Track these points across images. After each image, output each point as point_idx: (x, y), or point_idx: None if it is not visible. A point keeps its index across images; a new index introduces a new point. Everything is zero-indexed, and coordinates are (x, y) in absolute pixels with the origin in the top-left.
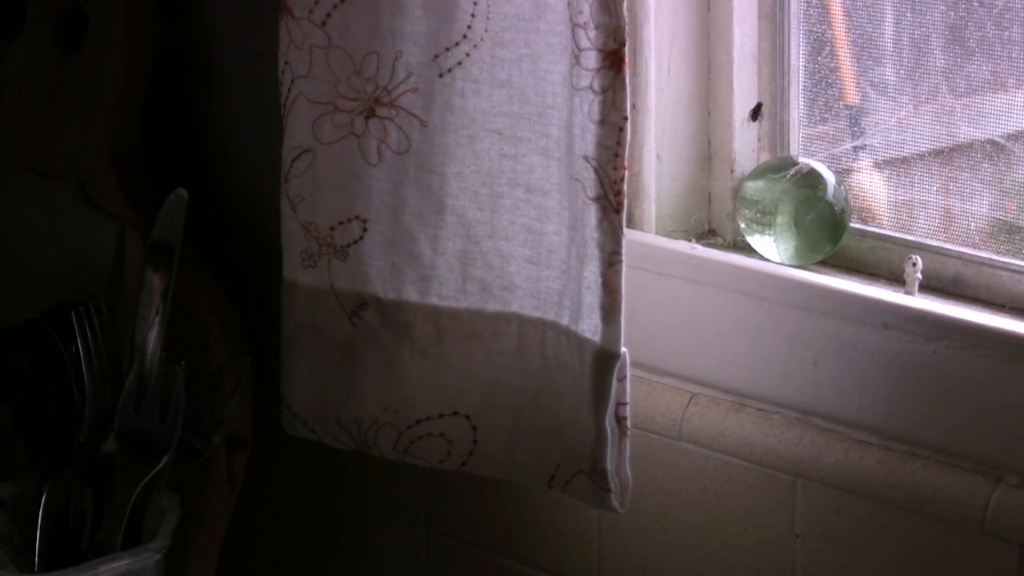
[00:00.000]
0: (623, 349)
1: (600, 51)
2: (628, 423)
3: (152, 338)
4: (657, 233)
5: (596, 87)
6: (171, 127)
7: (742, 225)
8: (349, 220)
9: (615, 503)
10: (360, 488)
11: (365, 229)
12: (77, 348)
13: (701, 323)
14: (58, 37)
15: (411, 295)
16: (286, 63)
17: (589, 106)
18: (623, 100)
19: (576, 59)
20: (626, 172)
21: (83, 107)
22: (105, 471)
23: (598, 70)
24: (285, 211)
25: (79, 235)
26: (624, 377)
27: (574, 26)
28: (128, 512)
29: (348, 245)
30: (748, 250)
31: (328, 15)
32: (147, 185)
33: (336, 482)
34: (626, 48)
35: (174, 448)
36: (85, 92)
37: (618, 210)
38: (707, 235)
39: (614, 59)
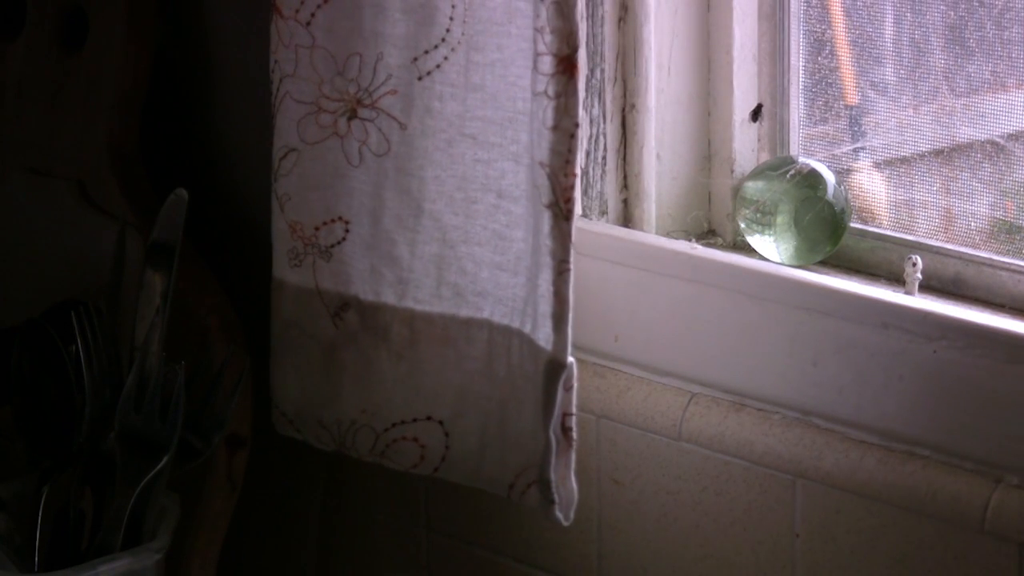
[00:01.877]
0: (570, 359)
1: (555, 56)
2: (574, 434)
3: (152, 338)
4: (657, 233)
5: (550, 92)
6: (171, 127)
7: (742, 225)
8: (333, 221)
9: (558, 515)
10: (360, 488)
11: (347, 231)
12: (77, 348)
13: (701, 323)
14: (58, 37)
15: (389, 298)
16: (275, 62)
17: (543, 112)
18: (575, 106)
19: (535, 64)
20: (576, 179)
21: (83, 107)
22: (105, 471)
23: (552, 75)
24: (275, 210)
25: (79, 235)
26: (571, 388)
27: (534, 31)
28: (128, 512)
29: (332, 246)
30: (748, 250)
31: (312, 15)
32: (147, 185)
33: (336, 482)
34: (579, 54)
35: (174, 448)
36: (85, 92)
37: (568, 217)
38: (707, 235)
39: (567, 64)
